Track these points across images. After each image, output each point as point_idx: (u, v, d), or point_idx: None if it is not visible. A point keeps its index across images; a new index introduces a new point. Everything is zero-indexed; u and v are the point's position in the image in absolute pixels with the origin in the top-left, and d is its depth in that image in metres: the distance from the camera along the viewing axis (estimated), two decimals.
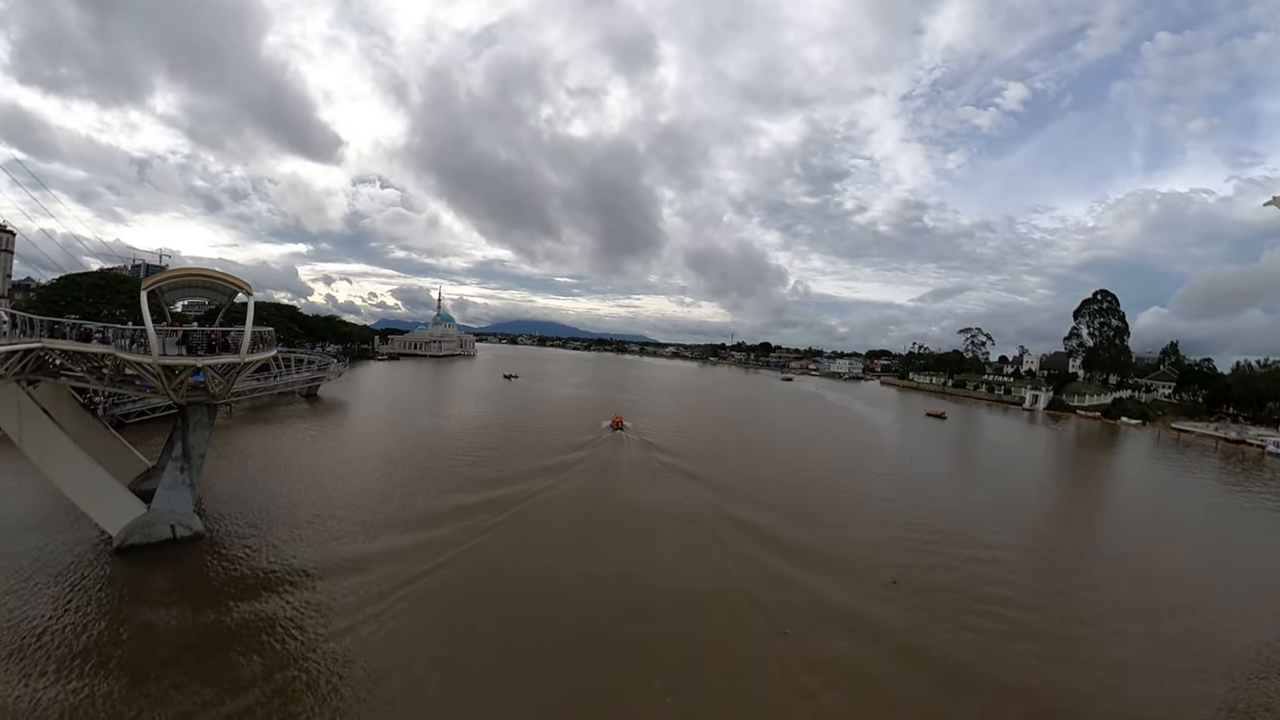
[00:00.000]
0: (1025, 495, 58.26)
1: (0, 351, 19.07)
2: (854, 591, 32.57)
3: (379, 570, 32.28)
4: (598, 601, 30.53)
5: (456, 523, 40.27)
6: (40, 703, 19.93)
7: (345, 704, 21.24)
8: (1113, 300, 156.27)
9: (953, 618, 29.48)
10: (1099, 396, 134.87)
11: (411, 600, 29.20)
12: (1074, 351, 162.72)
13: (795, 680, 23.73)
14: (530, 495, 47.35)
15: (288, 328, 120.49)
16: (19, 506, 36.73)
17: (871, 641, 27.09)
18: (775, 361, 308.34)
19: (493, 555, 35.60)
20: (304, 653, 24.25)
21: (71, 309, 68.84)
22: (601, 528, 41.79)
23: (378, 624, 26.71)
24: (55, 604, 26.54)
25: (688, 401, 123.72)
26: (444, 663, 24.26)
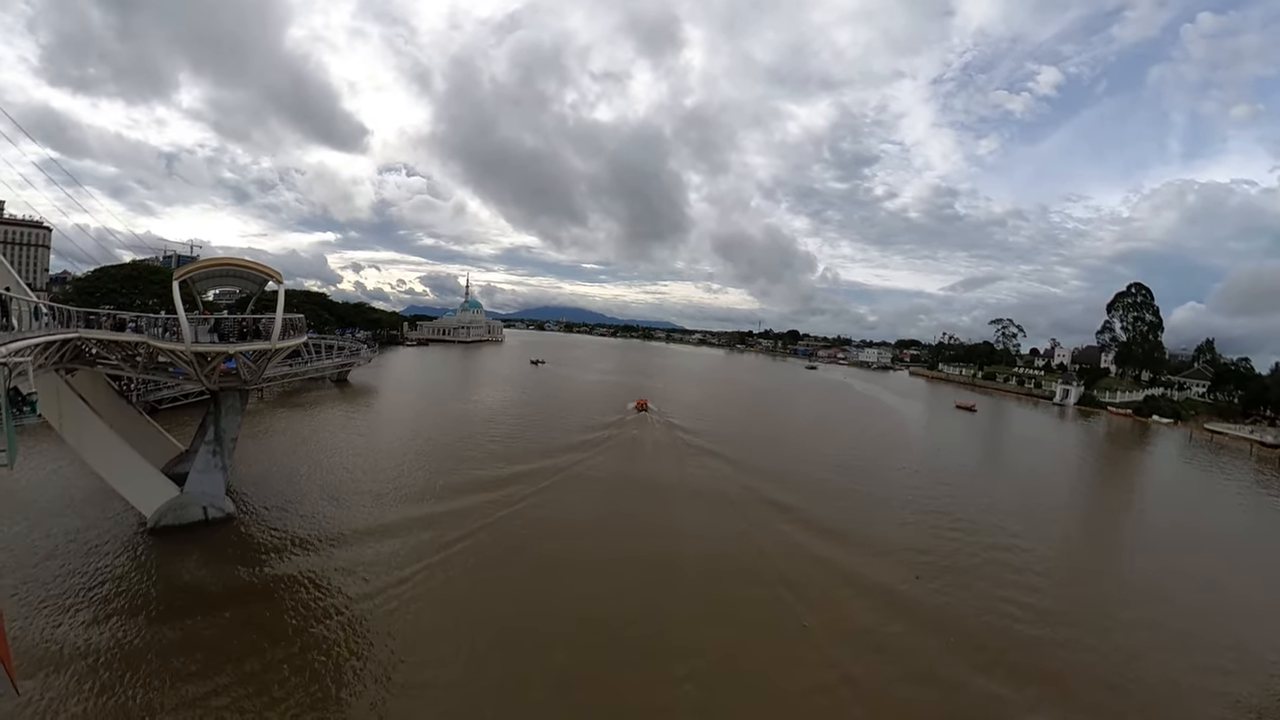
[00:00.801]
0: (1052, 494, 56.51)
1: (39, 342, 19.57)
2: (876, 578, 32.68)
3: (409, 541, 34.31)
4: (622, 574, 32.20)
5: (486, 497, 42.50)
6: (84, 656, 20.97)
7: (371, 667, 22.57)
8: (1147, 294, 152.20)
9: (974, 616, 29.19)
10: (1131, 393, 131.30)
11: (438, 571, 30.85)
12: (1106, 346, 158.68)
13: (814, 673, 23.77)
14: (557, 471, 49.87)
15: (318, 314, 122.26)
16: (58, 489, 37.93)
17: (892, 632, 27.04)
18: (803, 350, 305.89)
19: (520, 528, 37.66)
20: (331, 618, 25.79)
21: (106, 300, 70.67)
22: (626, 502, 44.02)
23: (404, 593, 28.20)
24: (91, 577, 27.75)
25: (713, 390, 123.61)
26: (465, 634, 25.24)
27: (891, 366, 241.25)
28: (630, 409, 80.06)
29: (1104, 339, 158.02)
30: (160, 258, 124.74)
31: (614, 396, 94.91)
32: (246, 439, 46.24)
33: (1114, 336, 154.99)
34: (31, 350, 17.36)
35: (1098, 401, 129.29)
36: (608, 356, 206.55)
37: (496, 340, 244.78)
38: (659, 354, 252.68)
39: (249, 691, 20.81)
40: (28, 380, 17.14)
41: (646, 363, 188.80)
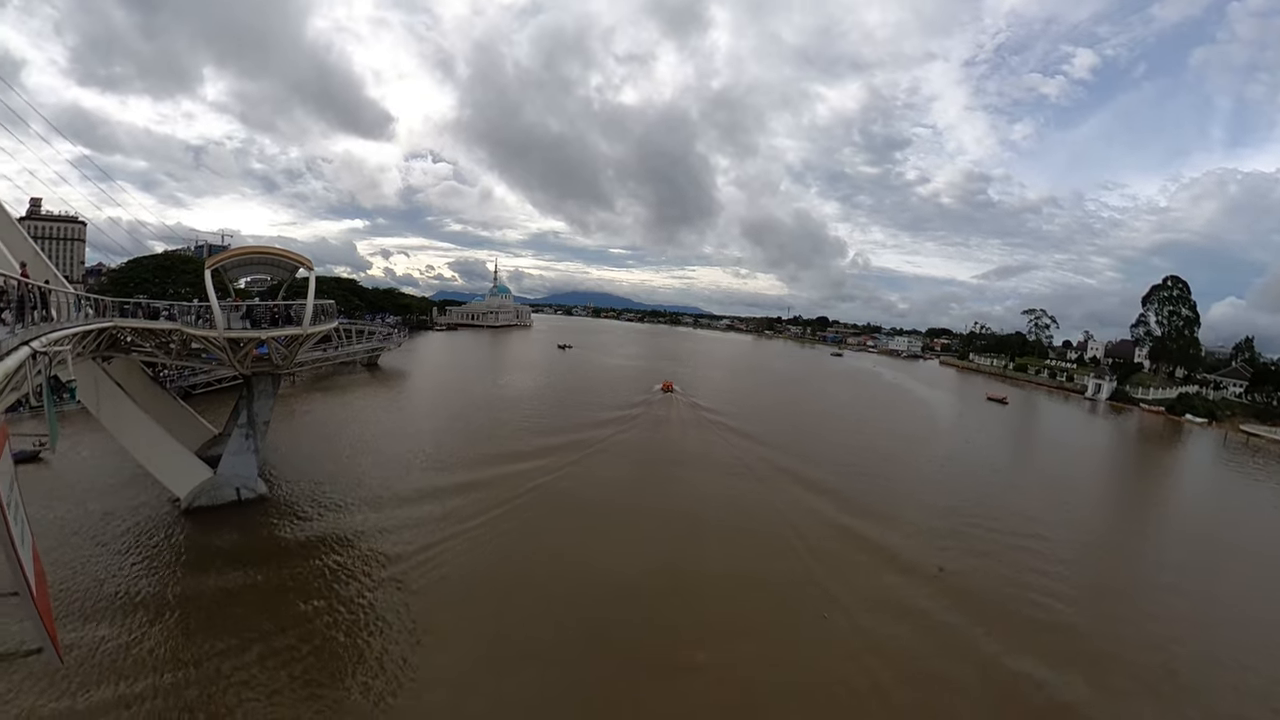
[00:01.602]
0: (1081, 492, 54.61)
1: (77, 331, 20.23)
2: (903, 558, 33.27)
3: (441, 510, 36.67)
4: (649, 540, 34.98)
5: (519, 468, 45.85)
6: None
7: (396, 633, 24.08)
8: (1184, 288, 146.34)
9: (995, 606, 29.18)
10: (1164, 390, 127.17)
11: (469, 539, 33.14)
12: (1140, 340, 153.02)
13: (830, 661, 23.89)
14: (586, 446, 53.47)
15: (348, 300, 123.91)
16: (97, 472, 39.17)
17: (914, 624, 27.06)
18: (832, 336, 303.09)
19: (550, 498, 40.37)
20: (362, 585, 27.67)
21: (140, 290, 72.17)
22: (653, 473, 47.75)
23: (434, 562, 30.21)
24: (127, 553, 29.09)
25: (741, 379, 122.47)
26: (491, 599, 27.04)
27: (921, 355, 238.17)
28: (656, 390, 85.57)
29: (1138, 333, 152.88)
30: (192, 248, 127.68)
31: (640, 380, 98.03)
32: (279, 422, 47.42)
33: (1148, 331, 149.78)
34: (70, 339, 17.97)
35: (1130, 397, 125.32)
36: (634, 342, 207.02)
37: (525, 325, 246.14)
38: (686, 339, 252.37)
39: (281, 648, 22.48)
40: (67, 368, 17.84)
41: (674, 348, 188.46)
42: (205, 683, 20.30)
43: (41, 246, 34.75)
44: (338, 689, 20.65)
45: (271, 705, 19.63)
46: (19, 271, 18.17)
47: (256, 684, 20.48)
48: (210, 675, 20.69)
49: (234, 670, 21.08)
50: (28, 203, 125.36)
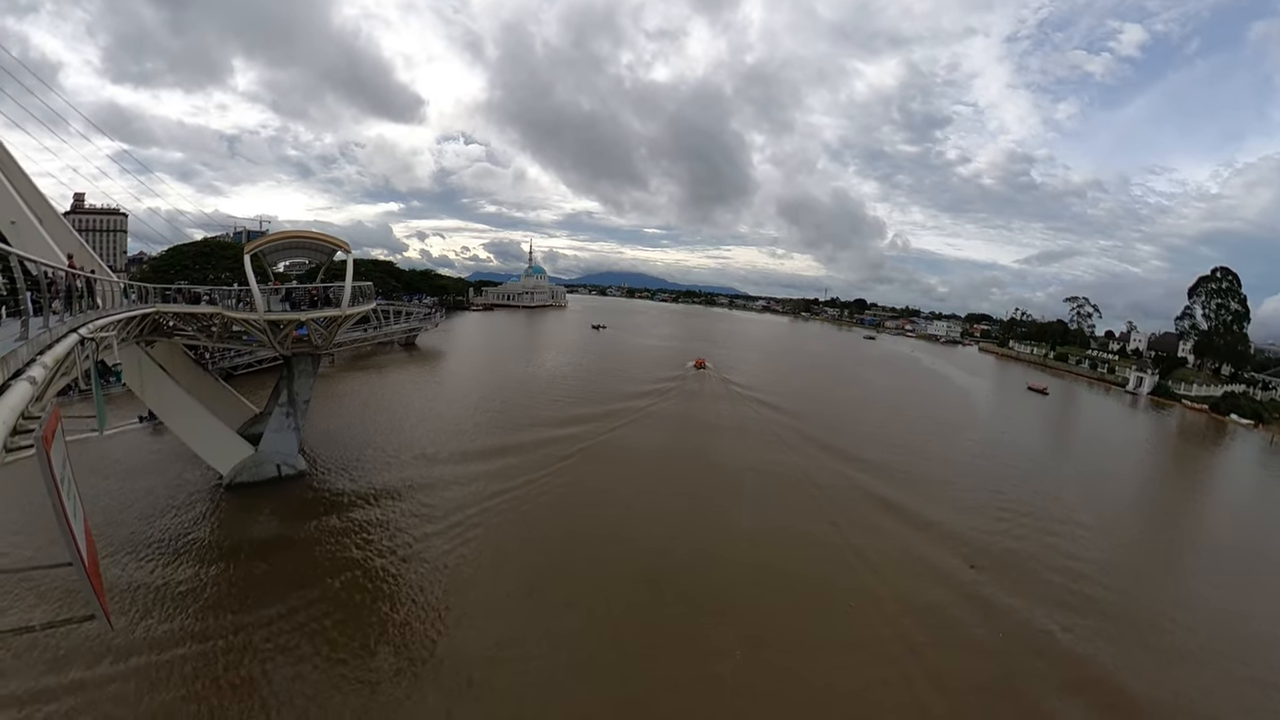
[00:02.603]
0: (1117, 490, 52.03)
1: (120, 318, 21.22)
2: (931, 560, 32.58)
3: (477, 486, 38.16)
4: (682, 505, 37.77)
5: (557, 433, 49.94)
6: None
7: (429, 597, 25.73)
8: (1234, 280, 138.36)
9: (1028, 610, 28.42)
10: (1208, 387, 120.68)
11: (503, 508, 35.16)
12: (1185, 334, 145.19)
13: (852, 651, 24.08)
14: (621, 416, 57.71)
15: (385, 282, 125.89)
16: (142, 451, 41.21)
17: (941, 618, 26.87)
18: (870, 319, 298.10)
19: (587, 466, 43.39)
20: (397, 553, 29.41)
21: (180, 276, 74.41)
22: (686, 441, 51.53)
23: (464, 532, 31.87)
24: (171, 525, 30.73)
25: (777, 361, 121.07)
26: (519, 571, 28.42)
27: (960, 341, 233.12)
28: (689, 368, 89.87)
29: (1183, 326, 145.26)
30: (230, 234, 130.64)
31: (674, 359, 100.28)
32: (319, 401, 48.86)
33: (1194, 324, 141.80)
34: (115, 325, 18.89)
35: (1172, 393, 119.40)
36: (668, 322, 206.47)
37: (560, 305, 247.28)
38: (721, 320, 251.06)
39: (318, 613, 23.97)
40: (113, 353, 18.83)
41: (708, 329, 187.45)
42: (240, 646, 21.69)
43: (86, 238, 36.46)
44: (366, 654, 21.89)
45: (306, 666, 20.94)
46: (66, 263, 19.23)
47: (291, 647, 21.93)
48: (246, 639, 22.08)
49: (271, 632, 22.57)
50: (72, 198, 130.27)
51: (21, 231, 27.17)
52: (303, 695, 19.65)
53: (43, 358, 9.54)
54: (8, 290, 9.75)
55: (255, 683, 20.09)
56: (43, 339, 10.35)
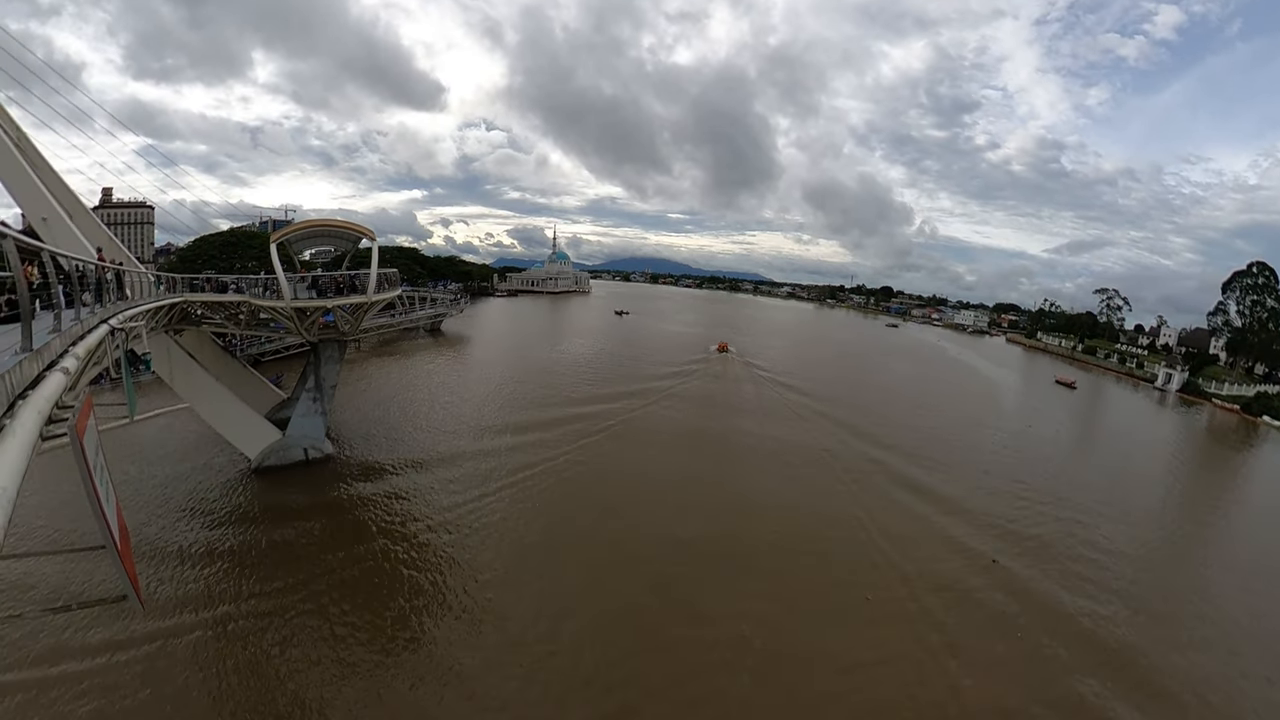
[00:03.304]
0: (1142, 490, 49.46)
1: (149, 307, 21.87)
2: (953, 549, 32.49)
3: (505, 460, 40.42)
4: (705, 478, 40.04)
5: (585, 409, 52.66)
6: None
7: (449, 568, 27.19)
8: (1270, 275, 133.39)
9: (1049, 612, 27.82)
10: (1240, 386, 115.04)
11: (524, 488, 36.40)
12: (1217, 330, 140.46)
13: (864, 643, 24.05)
14: (647, 395, 60.95)
15: (410, 269, 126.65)
16: (172, 437, 42.21)
17: (961, 611, 26.73)
18: (896, 307, 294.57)
19: (614, 442, 45.75)
20: (425, 532, 30.57)
21: (207, 265, 75.64)
22: (710, 418, 54.58)
23: (492, 505, 33.65)
24: (201, 508, 31.67)
25: (801, 350, 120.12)
26: (542, 546, 29.59)
27: (988, 331, 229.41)
28: (712, 351, 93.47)
29: (1215, 322, 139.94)
30: (256, 224, 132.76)
31: (697, 345, 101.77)
32: (345, 386, 49.90)
33: (1227, 320, 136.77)
34: (143, 315, 19.47)
35: (1202, 391, 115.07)
36: (692, 309, 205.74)
37: (583, 291, 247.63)
38: (746, 306, 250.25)
39: (340, 583, 25.37)
40: (142, 342, 19.43)
41: (732, 315, 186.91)
42: (270, 611, 23.14)
43: (114, 232, 37.52)
44: (391, 625, 22.96)
45: (331, 631, 22.24)
46: (95, 256, 19.87)
47: (317, 610, 23.45)
48: (276, 604, 23.62)
49: (298, 599, 24.00)
50: (100, 193, 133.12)
51: (53, 227, 28.18)
52: (330, 659, 20.74)
53: (75, 349, 9.91)
54: (41, 284, 10.12)
55: (283, 646, 21.31)
56: (75, 330, 10.76)
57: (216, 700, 19.03)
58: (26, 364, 7.17)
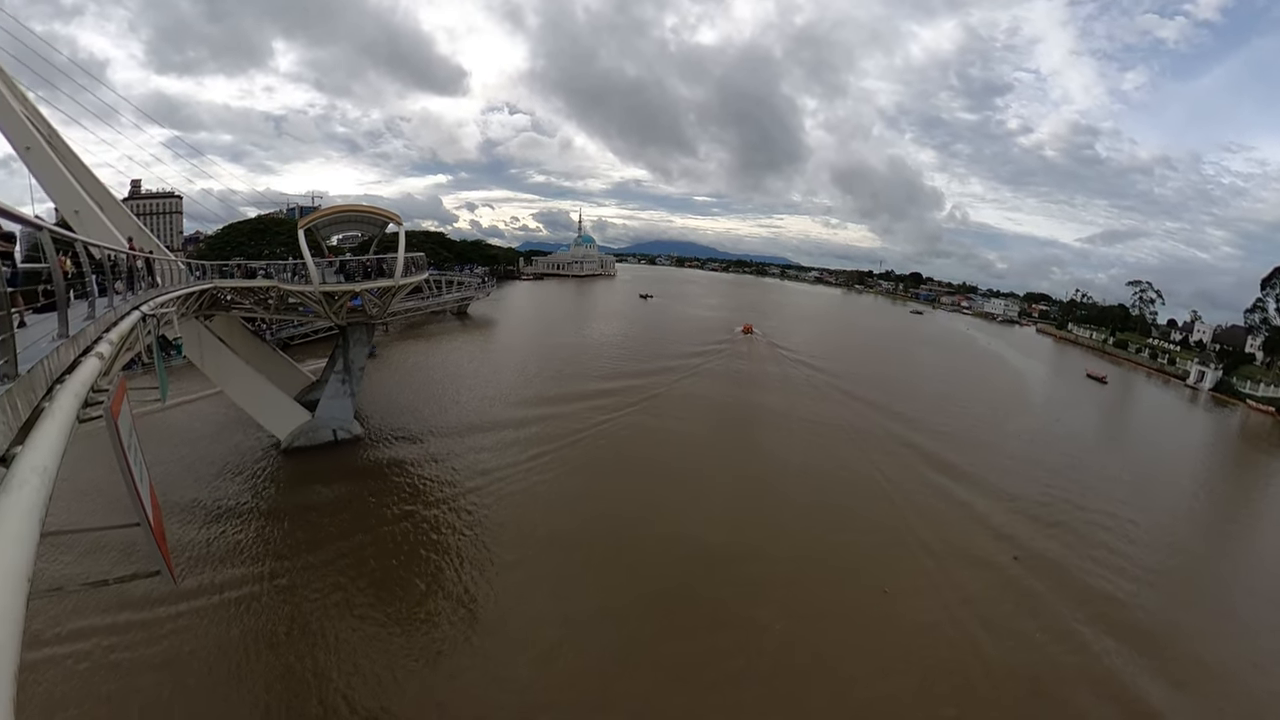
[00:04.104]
0: (1170, 492, 46.51)
1: (180, 294, 22.53)
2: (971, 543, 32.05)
3: (537, 432, 42.96)
4: (731, 449, 43.32)
5: (616, 384, 55.86)
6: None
7: (472, 548, 28.05)
8: None
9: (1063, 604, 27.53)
10: (1277, 387, 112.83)
11: (555, 462, 38.28)
12: (1255, 328, 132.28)
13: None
14: (674, 371, 64.50)
15: (436, 253, 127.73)
16: (202, 420, 43.38)
17: (980, 605, 26.39)
18: (926, 294, 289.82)
19: (643, 418, 48.15)
20: (445, 508, 31.69)
21: (236, 252, 76.91)
22: (737, 393, 58.57)
23: (519, 479, 35.35)
24: (232, 484, 33.05)
25: (829, 340, 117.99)
26: (565, 521, 30.80)
27: (1017, 320, 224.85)
28: (737, 333, 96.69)
29: (1253, 319, 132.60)
30: (284, 210, 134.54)
31: (723, 328, 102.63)
32: (374, 368, 50.79)
33: (1265, 318, 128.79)
34: (174, 302, 20.04)
35: (1235, 391, 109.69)
36: (718, 293, 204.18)
37: (609, 275, 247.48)
38: (772, 291, 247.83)
39: (368, 556, 26.67)
40: (173, 327, 20.06)
41: (760, 299, 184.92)
42: (299, 585, 24.35)
43: (144, 221, 38.62)
44: (416, 597, 24.03)
45: (355, 601, 23.41)
46: (126, 246, 20.53)
47: (343, 585, 24.58)
48: (305, 577, 24.84)
49: (326, 571, 25.39)
50: (129, 185, 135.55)
51: (84, 219, 29.22)
52: (353, 630, 21.38)
53: (108, 335, 10.29)
54: (75, 274, 10.52)
55: (306, 618, 22.42)
56: (108, 317, 11.15)
57: (242, 663, 20.19)
58: (63, 350, 7.48)
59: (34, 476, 4.33)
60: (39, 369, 6.24)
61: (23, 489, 4.10)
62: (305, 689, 19.31)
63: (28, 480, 4.24)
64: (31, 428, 5.33)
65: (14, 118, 28.38)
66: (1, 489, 4.03)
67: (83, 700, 18.36)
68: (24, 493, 4.07)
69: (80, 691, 18.63)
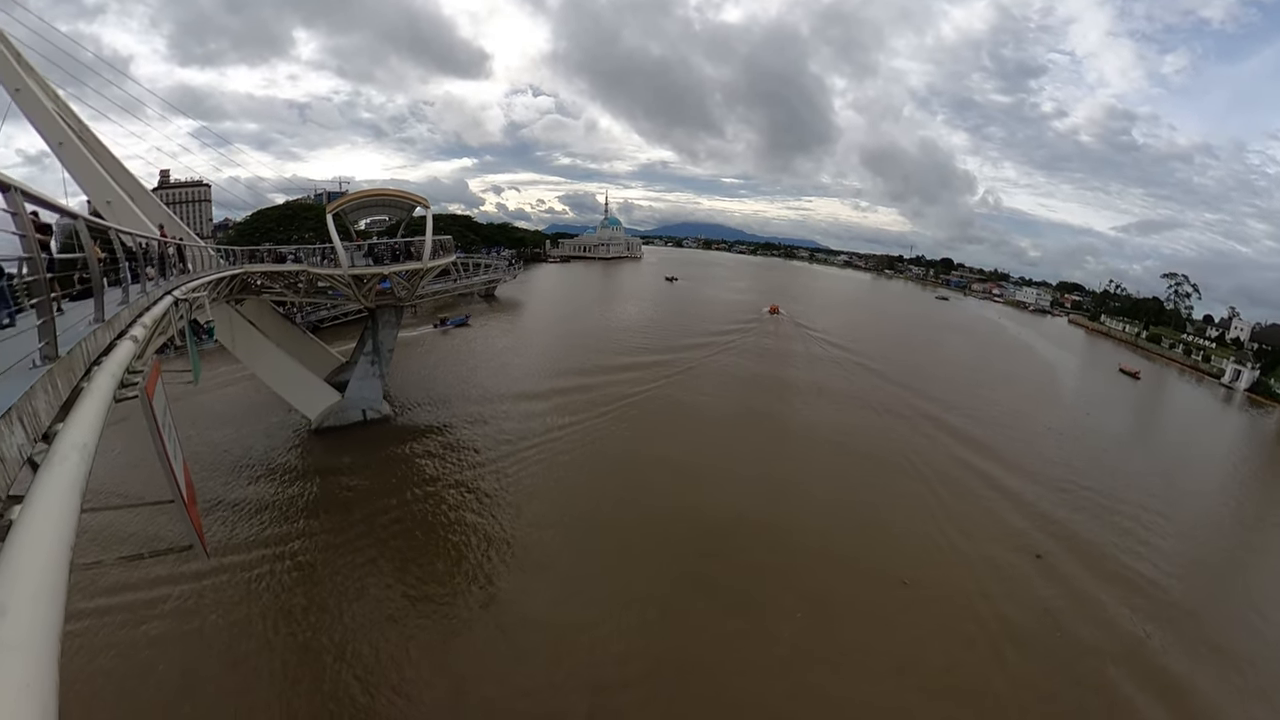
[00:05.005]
0: (1199, 496, 44.60)
1: (211, 279, 23.19)
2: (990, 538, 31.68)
3: (570, 402, 45.19)
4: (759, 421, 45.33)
5: (634, 368, 56.44)
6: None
7: (497, 515, 29.52)
8: None
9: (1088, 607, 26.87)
10: None
11: (582, 438, 39.61)
12: None
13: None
14: (702, 348, 67.71)
15: (464, 236, 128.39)
16: (234, 402, 44.69)
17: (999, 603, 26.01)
18: (957, 281, 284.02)
19: (672, 392, 50.65)
20: (472, 476, 33.56)
21: (265, 238, 78.19)
22: (764, 368, 61.90)
23: (547, 452, 37.04)
24: (263, 464, 34.18)
25: (860, 330, 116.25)
26: (589, 498, 31.82)
27: (1049, 310, 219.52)
28: (764, 313, 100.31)
29: None
30: (311, 196, 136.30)
31: (750, 311, 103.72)
32: (402, 349, 51.56)
33: None
34: (205, 286, 20.69)
35: (1273, 392, 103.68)
36: (744, 275, 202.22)
37: (635, 257, 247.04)
38: (800, 274, 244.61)
39: (395, 524, 28.07)
40: (205, 311, 20.70)
41: (788, 283, 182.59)
42: (327, 546, 26.09)
43: (174, 210, 39.85)
44: (441, 570, 25.03)
45: (383, 567, 24.82)
46: (158, 234, 21.28)
47: (370, 551, 26.05)
48: (333, 539, 26.61)
49: (353, 537, 26.94)
50: (158, 175, 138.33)
51: (116, 209, 30.25)
52: (375, 604, 22.44)
53: (142, 319, 10.73)
54: (108, 261, 10.95)
55: (335, 587, 23.64)
56: (141, 302, 11.62)
57: (271, 627, 21.46)
58: (100, 333, 7.86)
59: (74, 453, 4.62)
60: (78, 351, 6.55)
61: (64, 464, 4.37)
62: (322, 660, 20.18)
63: (68, 456, 4.52)
64: (71, 407, 5.66)
65: (46, 115, 29.22)
66: (44, 464, 4.34)
67: (110, 665, 19.46)
68: (65, 467, 4.33)
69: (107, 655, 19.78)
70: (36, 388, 4.79)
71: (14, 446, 4.06)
